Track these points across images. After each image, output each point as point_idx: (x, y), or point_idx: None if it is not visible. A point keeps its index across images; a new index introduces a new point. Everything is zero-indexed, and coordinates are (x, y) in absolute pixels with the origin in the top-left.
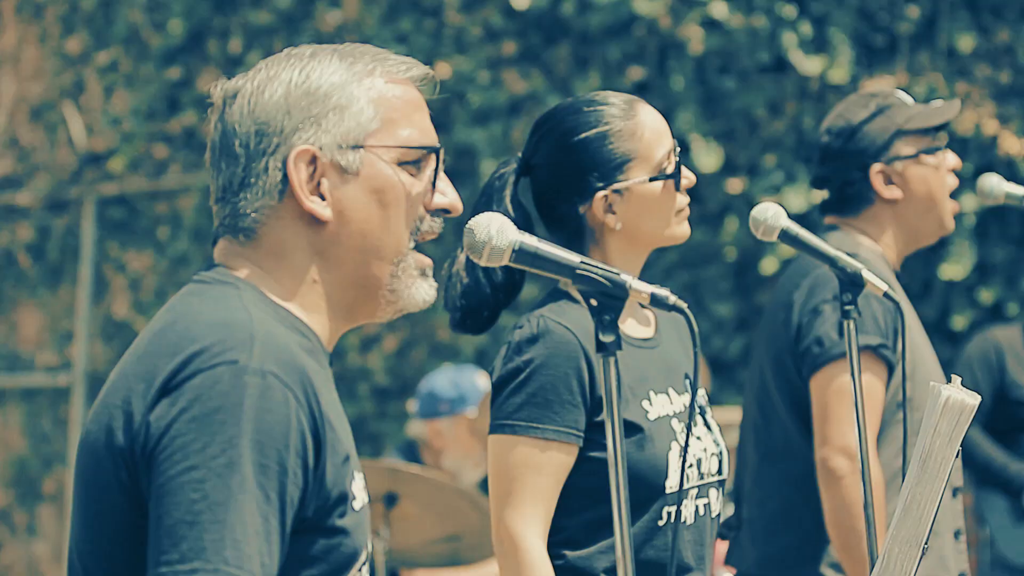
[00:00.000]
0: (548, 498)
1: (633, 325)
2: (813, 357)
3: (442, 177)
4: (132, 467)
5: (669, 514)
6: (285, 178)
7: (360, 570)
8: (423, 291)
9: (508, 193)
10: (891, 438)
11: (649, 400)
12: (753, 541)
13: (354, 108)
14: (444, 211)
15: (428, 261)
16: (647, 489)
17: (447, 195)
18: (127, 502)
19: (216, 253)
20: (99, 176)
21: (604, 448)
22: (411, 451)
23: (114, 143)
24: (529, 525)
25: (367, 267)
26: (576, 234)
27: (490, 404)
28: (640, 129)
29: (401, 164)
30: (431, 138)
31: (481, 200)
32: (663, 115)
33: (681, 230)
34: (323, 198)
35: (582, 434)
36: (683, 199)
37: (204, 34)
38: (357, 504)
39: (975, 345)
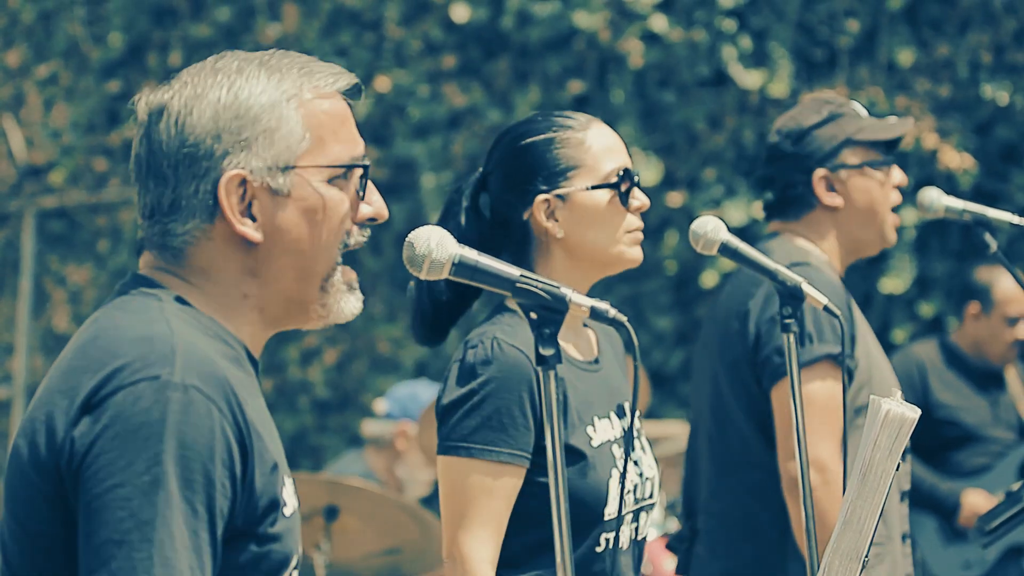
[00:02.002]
0: (500, 521)
1: (577, 349)
2: (774, 367)
3: (368, 187)
4: (58, 482)
5: (607, 540)
6: (216, 202)
7: (291, 575)
8: (350, 304)
9: (464, 205)
10: (851, 444)
11: (593, 426)
12: (713, 553)
13: (284, 130)
14: (371, 219)
15: (353, 275)
16: (587, 515)
17: (373, 204)
18: (54, 515)
19: (141, 264)
20: (39, 189)
21: (543, 472)
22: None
23: (54, 156)
24: (481, 549)
25: (298, 285)
26: (523, 243)
27: (439, 423)
28: (590, 140)
29: (330, 181)
30: (358, 149)
31: (441, 216)
32: None
33: (631, 252)
34: (254, 219)
35: (531, 457)
36: (634, 221)
37: (144, 47)
38: (288, 510)
39: (896, 363)
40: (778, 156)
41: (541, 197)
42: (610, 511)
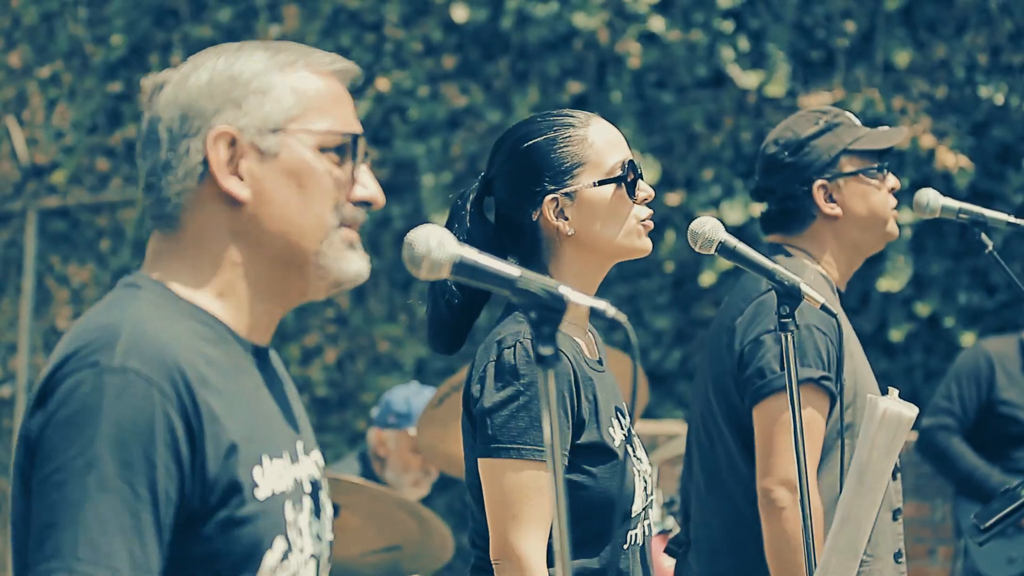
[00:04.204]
0: (549, 520)
1: (588, 350)
2: (755, 388)
3: (364, 170)
4: (24, 476)
5: (631, 537)
6: (205, 160)
7: (284, 561)
8: (355, 263)
9: (469, 210)
10: (832, 465)
11: (612, 425)
12: (698, 560)
13: (274, 94)
14: (366, 203)
15: (354, 235)
16: (622, 513)
17: (369, 187)
18: (27, 509)
19: (147, 252)
20: (41, 189)
21: (579, 471)
22: (366, 460)
23: (56, 156)
24: (538, 548)
25: (289, 245)
26: (533, 245)
27: (479, 425)
28: (592, 136)
29: (322, 151)
30: (353, 129)
31: (448, 221)
32: None
33: (641, 243)
34: (242, 179)
35: (571, 456)
36: (642, 211)
37: (146, 48)
38: (261, 492)
39: (967, 356)
40: (776, 167)
41: (549, 197)
42: (634, 508)
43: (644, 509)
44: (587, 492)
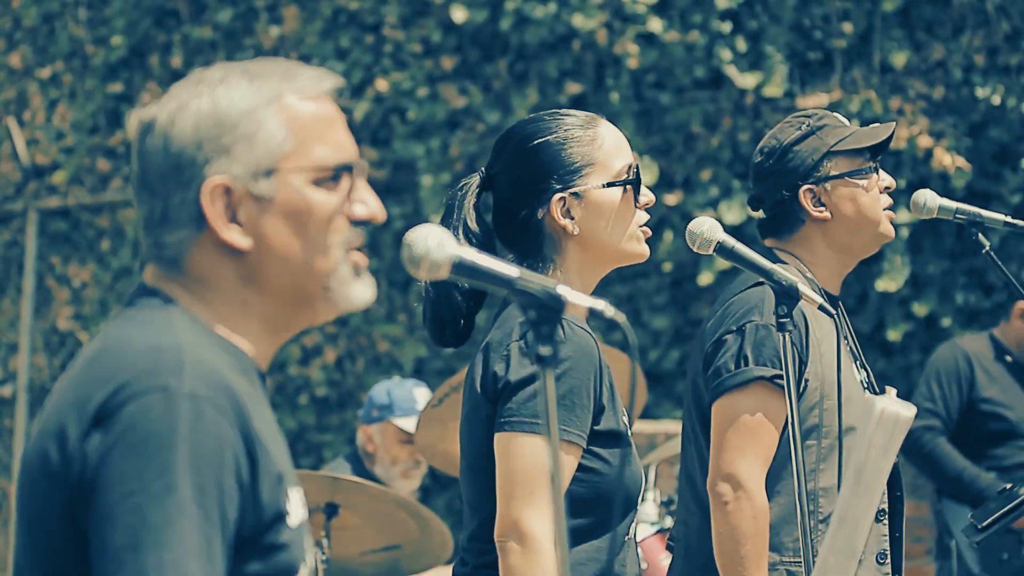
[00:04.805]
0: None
1: None
2: (713, 387)
3: (362, 188)
4: (69, 494)
5: (631, 529)
6: (201, 211)
7: None
8: (361, 291)
9: (468, 205)
10: (831, 467)
11: (623, 412)
12: (680, 557)
13: (263, 134)
14: (366, 221)
15: (360, 258)
16: (629, 504)
17: (368, 205)
18: (65, 527)
19: (146, 276)
20: (42, 189)
21: (596, 457)
22: (357, 458)
23: (57, 157)
24: (546, 528)
25: (296, 286)
26: (536, 241)
27: (501, 399)
28: (600, 138)
29: (317, 183)
30: (347, 152)
31: (443, 215)
32: None
33: (640, 248)
34: (242, 226)
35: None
36: (643, 216)
37: (146, 49)
38: (293, 520)
39: (944, 354)
40: (763, 175)
41: (557, 196)
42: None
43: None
44: (601, 479)
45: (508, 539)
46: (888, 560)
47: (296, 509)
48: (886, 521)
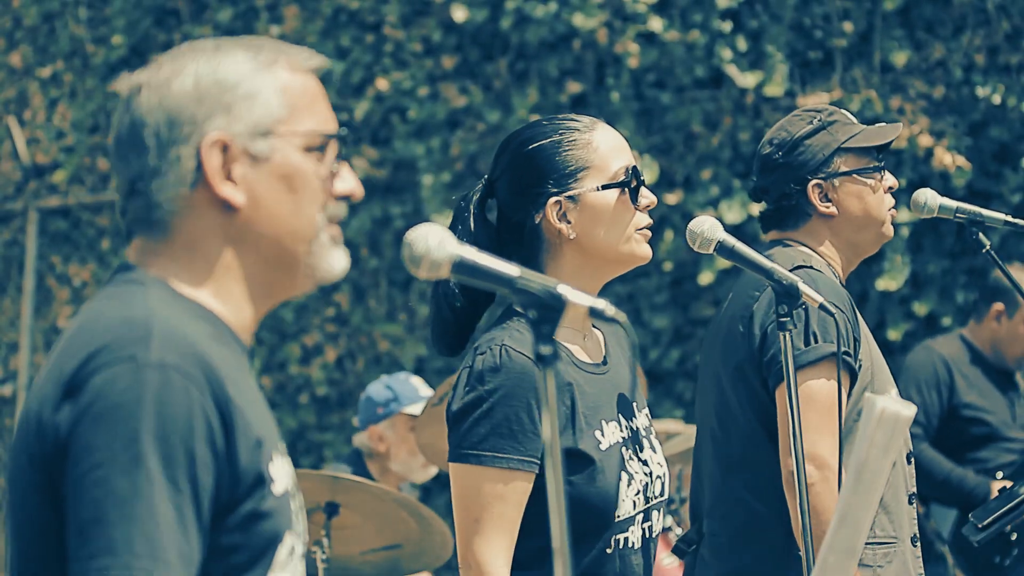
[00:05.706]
0: (513, 526)
1: (585, 351)
2: (780, 367)
3: (343, 164)
4: (47, 471)
5: (617, 542)
6: (198, 167)
7: (291, 555)
8: (339, 260)
9: (472, 211)
10: (848, 445)
11: (601, 430)
12: (716, 555)
13: (262, 96)
14: (345, 197)
15: (338, 231)
16: (597, 520)
17: (348, 181)
18: (45, 504)
19: (130, 253)
20: (42, 189)
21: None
22: (358, 460)
23: (57, 156)
24: (497, 554)
25: (282, 247)
26: (534, 247)
27: (450, 430)
28: (596, 141)
29: (307, 150)
30: (331, 126)
31: (452, 222)
32: None
33: (641, 249)
34: (236, 184)
35: (540, 462)
36: (643, 218)
37: (146, 48)
38: (278, 488)
39: (919, 359)
40: (771, 167)
41: (552, 200)
42: (619, 513)
43: (644, 511)
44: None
45: (463, 566)
46: (920, 544)
47: (281, 476)
48: (915, 504)
